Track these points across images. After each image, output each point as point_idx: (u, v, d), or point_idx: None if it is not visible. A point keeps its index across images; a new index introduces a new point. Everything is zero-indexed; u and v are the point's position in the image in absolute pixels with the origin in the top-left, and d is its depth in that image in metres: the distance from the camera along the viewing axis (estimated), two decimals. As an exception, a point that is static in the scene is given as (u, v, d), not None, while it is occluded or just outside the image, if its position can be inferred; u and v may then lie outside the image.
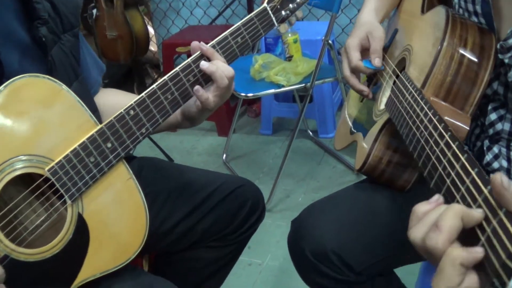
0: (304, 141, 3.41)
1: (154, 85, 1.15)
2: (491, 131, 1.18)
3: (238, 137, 3.58)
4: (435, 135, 0.90)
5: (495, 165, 1.18)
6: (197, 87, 1.20)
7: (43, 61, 1.17)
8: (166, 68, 3.81)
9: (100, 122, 1.12)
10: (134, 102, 1.13)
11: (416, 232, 0.76)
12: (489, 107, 1.18)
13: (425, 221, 0.75)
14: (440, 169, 0.84)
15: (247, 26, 1.32)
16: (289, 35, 2.81)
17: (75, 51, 1.29)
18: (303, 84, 2.66)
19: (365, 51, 1.41)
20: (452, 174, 0.79)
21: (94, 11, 3.56)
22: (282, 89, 2.65)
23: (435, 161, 0.86)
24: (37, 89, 1.05)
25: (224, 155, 3.32)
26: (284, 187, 2.91)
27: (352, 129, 1.47)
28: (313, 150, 3.32)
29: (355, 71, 1.41)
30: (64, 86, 1.07)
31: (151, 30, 4.47)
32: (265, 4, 1.38)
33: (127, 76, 4.47)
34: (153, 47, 4.56)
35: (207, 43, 1.24)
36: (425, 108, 0.98)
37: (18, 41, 1.16)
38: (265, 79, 2.70)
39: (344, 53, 1.44)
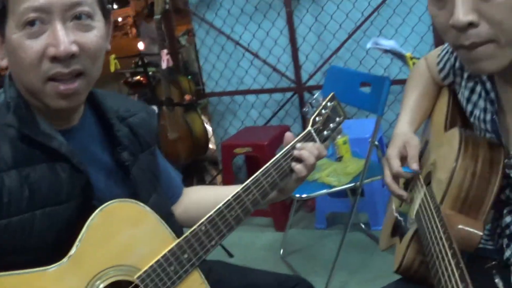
0: (357, 234, 3.53)
1: (221, 205, 1.38)
2: (507, 232, 1.37)
3: (295, 232, 3.69)
4: (443, 252, 1.09)
5: (514, 259, 1.36)
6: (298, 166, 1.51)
7: (125, 180, 1.38)
8: (226, 167, 4.01)
9: (179, 225, 1.38)
10: (205, 219, 1.34)
11: None
12: (505, 211, 1.37)
13: None
14: (442, 282, 1.02)
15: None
16: (339, 137, 3.01)
17: (153, 167, 1.51)
18: (353, 183, 2.84)
19: (403, 159, 1.56)
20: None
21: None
22: (334, 189, 2.83)
23: (440, 275, 1.05)
24: (126, 211, 1.27)
25: (282, 250, 3.45)
26: (339, 278, 3.03)
27: (392, 230, 1.64)
28: (366, 243, 3.44)
29: (396, 177, 1.56)
30: (147, 208, 1.29)
31: (209, 129, 4.69)
32: (309, 128, 1.61)
33: (186, 173, 4.59)
34: (211, 145, 4.78)
35: (263, 145, 1.49)
36: (440, 230, 1.16)
37: (103, 165, 1.36)
38: (317, 180, 2.88)
39: (386, 162, 1.59)
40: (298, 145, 1.54)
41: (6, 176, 1.16)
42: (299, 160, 1.53)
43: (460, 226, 1.20)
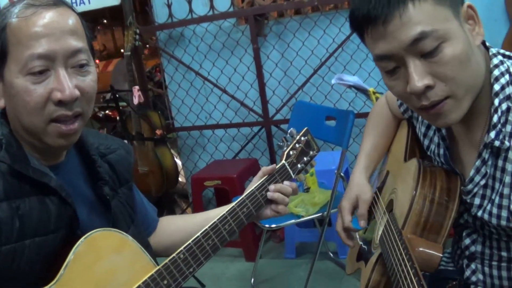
0: (326, 263, 3.59)
1: (199, 234, 1.44)
2: (467, 253, 1.47)
3: (265, 262, 3.75)
4: (405, 272, 1.18)
5: (473, 278, 1.47)
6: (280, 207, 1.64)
7: (106, 213, 1.45)
8: (196, 200, 4.05)
9: (154, 256, 1.41)
10: (184, 248, 1.40)
11: None
12: (464, 234, 1.48)
13: None
14: None
15: (270, 181, 1.65)
16: (309, 169, 3.10)
17: (130, 201, 1.59)
18: (320, 213, 2.91)
19: (353, 211, 1.69)
20: None
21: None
22: (302, 219, 2.89)
23: None
24: (109, 239, 1.33)
25: (252, 280, 3.50)
26: (309, 307, 3.08)
27: (357, 256, 1.73)
28: (335, 271, 3.50)
29: (346, 230, 1.69)
30: (129, 237, 1.36)
31: (179, 163, 4.72)
32: (283, 161, 1.70)
33: (157, 206, 4.58)
34: (181, 179, 4.79)
35: (232, 177, 1.57)
36: (403, 252, 1.26)
37: (86, 198, 1.44)
38: (286, 211, 2.95)
39: (339, 213, 1.70)
40: (272, 187, 1.63)
41: None
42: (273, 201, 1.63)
43: (420, 249, 1.29)
